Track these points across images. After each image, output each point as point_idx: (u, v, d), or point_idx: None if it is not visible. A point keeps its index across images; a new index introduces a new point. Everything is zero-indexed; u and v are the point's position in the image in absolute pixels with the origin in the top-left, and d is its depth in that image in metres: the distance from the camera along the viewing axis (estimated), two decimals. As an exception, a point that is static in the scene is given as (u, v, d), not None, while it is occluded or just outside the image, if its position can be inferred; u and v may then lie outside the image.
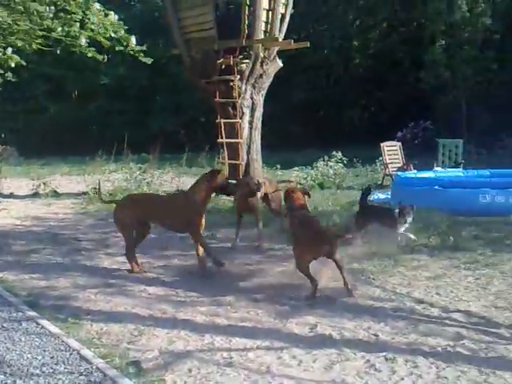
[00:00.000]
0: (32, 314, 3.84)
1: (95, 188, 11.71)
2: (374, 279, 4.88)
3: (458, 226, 6.84)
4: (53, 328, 3.63)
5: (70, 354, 3.23)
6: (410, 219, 5.95)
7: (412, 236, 5.98)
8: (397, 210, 6.01)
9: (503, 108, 17.83)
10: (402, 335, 3.61)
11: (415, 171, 11.42)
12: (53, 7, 7.45)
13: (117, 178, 12.30)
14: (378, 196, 10.18)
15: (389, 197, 9.79)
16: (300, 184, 12.07)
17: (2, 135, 31.96)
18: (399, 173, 11.30)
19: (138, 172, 12.08)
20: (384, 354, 3.29)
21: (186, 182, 14.70)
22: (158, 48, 25.36)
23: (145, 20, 29.12)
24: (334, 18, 25.62)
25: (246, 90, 10.85)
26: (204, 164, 18.65)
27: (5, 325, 3.64)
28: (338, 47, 26.17)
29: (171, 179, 13.43)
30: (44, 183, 11.95)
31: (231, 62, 10.40)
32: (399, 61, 24.77)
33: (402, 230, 5.98)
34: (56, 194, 11.43)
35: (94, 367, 3.05)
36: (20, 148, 27.86)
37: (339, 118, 27.52)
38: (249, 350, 3.34)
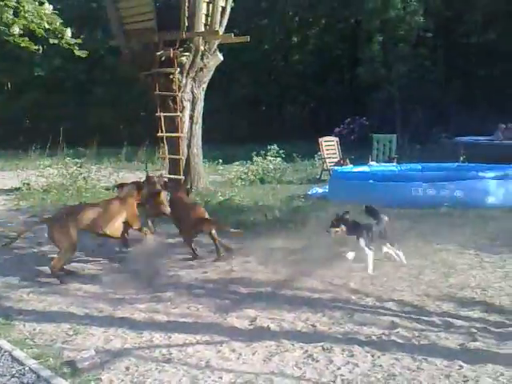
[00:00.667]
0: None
1: (28, 184, 11.32)
2: (311, 271, 4.96)
3: (391, 219, 7.08)
4: (-18, 330, 3.47)
5: (1, 356, 3.10)
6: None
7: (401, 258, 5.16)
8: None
9: (435, 104, 18.63)
10: (339, 325, 3.70)
11: (351, 166, 11.73)
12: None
13: (51, 173, 11.85)
14: (316, 190, 10.37)
15: (326, 190, 10.00)
16: (241, 179, 12.11)
17: None
18: (336, 167, 11.57)
19: (74, 167, 11.68)
20: (321, 344, 3.37)
21: (126, 177, 14.49)
22: (96, 40, 24.66)
23: (81, 10, 28.17)
24: (274, 12, 25.76)
25: (186, 83, 10.74)
26: (143, 159, 18.41)
27: None
28: (278, 43, 26.38)
29: (109, 174, 13.10)
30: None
31: (171, 55, 10.26)
32: (337, 57, 25.31)
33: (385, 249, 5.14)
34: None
35: (26, 368, 2.95)
36: None
37: (280, 114, 27.86)
38: (188, 346, 3.32)
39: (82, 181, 11.36)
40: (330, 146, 12.79)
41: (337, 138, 13.27)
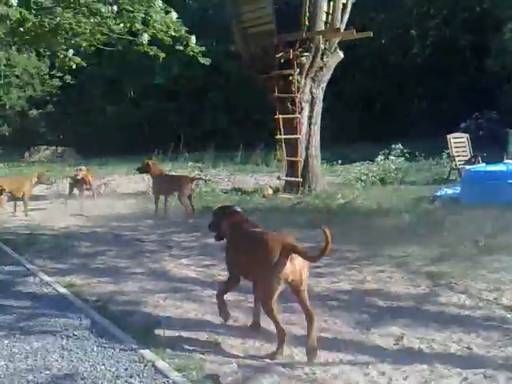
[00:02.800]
0: (102, 321, 3.74)
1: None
2: (456, 284, 4.51)
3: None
4: (125, 337, 3.51)
5: (145, 366, 3.09)
6: None
7: None
8: None
9: None
10: (498, 348, 3.28)
11: (484, 164, 10.80)
12: (115, 7, 7.45)
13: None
14: (445, 191, 9.66)
15: (457, 192, 9.27)
16: (360, 180, 11.68)
17: (61, 136, 33.13)
18: (467, 166, 10.71)
19: (196, 172, 12.04)
20: (482, 370, 2.98)
21: (242, 179, 14.67)
22: (212, 46, 25.43)
23: (198, 18, 29.23)
24: (391, 7, 24.81)
25: (305, 83, 10.60)
26: (259, 161, 18.56)
27: (76, 333, 3.55)
28: (395, 36, 25.32)
29: (228, 177, 13.35)
30: (104, 183, 12.09)
31: (291, 56, 10.17)
32: (461, 48, 23.71)
33: None
34: (116, 194, 11.52)
35: (170, 381, 2.90)
36: (78, 149, 28.71)
37: (396, 111, 26.73)
38: (332, 365, 3.09)
39: (203, 184, 11.63)
40: (459, 142, 11.91)
41: (467, 135, 12.32)
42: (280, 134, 10.74)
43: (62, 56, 9.31)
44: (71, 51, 9.05)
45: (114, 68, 28.00)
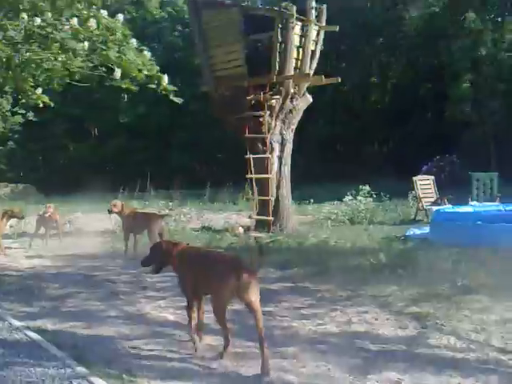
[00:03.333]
0: (81, 370, 3.48)
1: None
2: (443, 325, 4.47)
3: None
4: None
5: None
6: None
7: None
8: None
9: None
10: (498, 393, 3.21)
11: (450, 206, 11.05)
12: (86, 43, 7.37)
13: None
14: (413, 231, 9.78)
15: (425, 232, 9.40)
16: (330, 219, 11.76)
17: (21, 174, 32.27)
18: (435, 208, 10.91)
19: (166, 210, 11.85)
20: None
21: (210, 218, 14.52)
22: (179, 87, 25.58)
23: (165, 60, 29.52)
24: (353, 55, 25.71)
25: (275, 125, 10.73)
26: (226, 199, 18.47)
27: (55, 384, 3.29)
28: (357, 83, 26.16)
29: (195, 216, 13.17)
30: (69, 221, 11.72)
31: (261, 98, 10.30)
32: (421, 96, 24.66)
33: None
34: (83, 232, 11.16)
35: None
36: (39, 186, 27.97)
37: (359, 153, 27.37)
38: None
39: (172, 222, 11.43)
40: (425, 184, 12.18)
41: (432, 177, 12.63)
42: (251, 173, 10.74)
43: (29, 94, 9.10)
44: (40, 89, 8.85)
45: (78, 106, 27.71)
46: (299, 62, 10.67)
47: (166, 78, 9.02)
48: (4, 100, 32.00)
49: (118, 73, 7.80)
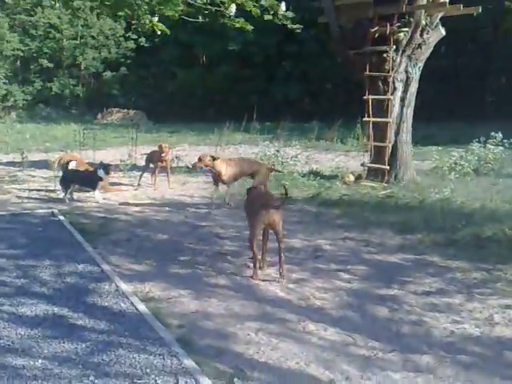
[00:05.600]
0: (189, 363, 3.14)
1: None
2: None
3: None
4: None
5: None
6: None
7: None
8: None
9: None
10: None
11: None
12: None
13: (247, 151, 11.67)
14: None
15: None
16: (453, 169, 10.57)
17: (132, 99, 33.24)
18: None
19: (272, 151, 11.34)
20: None
21: (317, 158, 13.80)
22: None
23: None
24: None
25: (400, 62, 9.60)
26: (334, 137, 17.51)
27: (159, 382, 2.97)
28: (490, 8, 23.16)
29: (302, 155, 12.50)
30: (177, 157, 11.63)
31: (387, 31, 9.16)
32: None
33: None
34: (188, 170, 11.03)
35: None
36: (149, 112, 28.67)
37: (482, 88, 24.79)
38: None
39: (279, 165, 10.91)
40: None
41: None
42: (368, 116, 9.83)
43: (146, 21, 8.78)
44: (156, 18, 8.50)
45: (187, 33, 27.40)
46: (433, -12, 9.31)
47: (283, 7, 8.27)
48: (118, 25, 32.63)
49: (232, 8, 7.19)
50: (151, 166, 9.58)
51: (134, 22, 9.91)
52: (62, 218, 6.90)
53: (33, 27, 32.25)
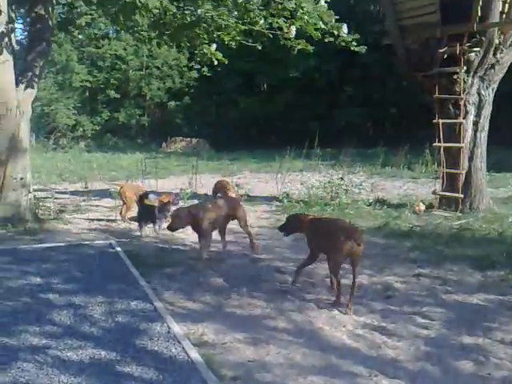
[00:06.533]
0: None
1: (287, 195, 10.84)
2: None
3: None
4: None
5: None
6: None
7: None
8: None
9: None
10: None
11: None
12: (260, -1, 6.63)
13: (312, 182, 11.23)
14: None
15: None
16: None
17: (195, 127, 33.79)
18: None
19: (335, 177, 10.85)
20: None
21: (383, 185, 13.18)
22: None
23: (337, 9, 27.98)
24: None
25: (472, 83, 8.99)
26: (401, 164, 16.77)
27: None
28: None
29: (367, 182, 11.94)
30: (237, 185, 11.39)
31: (457, 51, 8.62)
32: None
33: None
34: (248, 198, 10.75)
35: None
36: (211, 141, 28.97)
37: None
38: None
39: (343, 193, 10.43)
40: None
41: None
42: (439, 141, 9.23)
43: (204, 51, 8.76)
44: (214, 46, 8.44)
45: (249, 61, 27.64)
46: (506, 5, 8.72)
47: (345, 28, 7.97)
48: (181, 55, 33.51)
49: (292, 30, 6.98)
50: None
51: (195, 51, 9.96)
52: (119, 249, 6.75)
53: (100, 59, 33.67)
